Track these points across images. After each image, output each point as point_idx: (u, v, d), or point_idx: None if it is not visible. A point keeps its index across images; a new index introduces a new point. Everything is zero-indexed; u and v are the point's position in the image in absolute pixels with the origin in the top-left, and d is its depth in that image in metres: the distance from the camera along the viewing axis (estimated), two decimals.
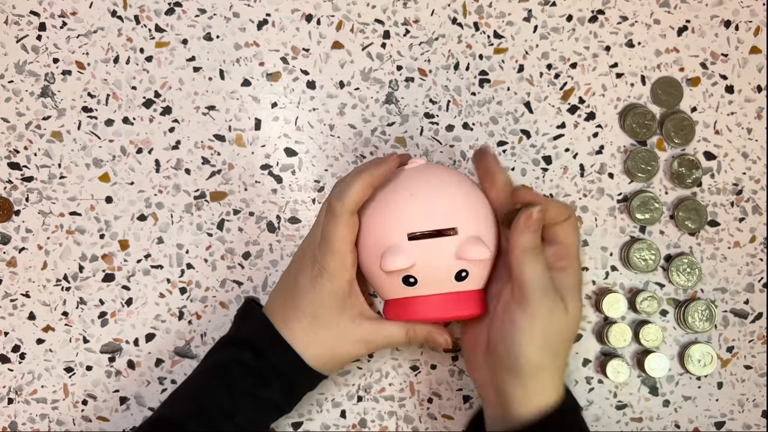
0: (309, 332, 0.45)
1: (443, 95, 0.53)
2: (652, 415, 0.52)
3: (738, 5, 0.53)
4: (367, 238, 0.44)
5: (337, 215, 0.43)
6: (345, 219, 0.42)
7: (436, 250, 0.42)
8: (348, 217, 0.43)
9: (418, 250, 0.42)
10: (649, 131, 0.52)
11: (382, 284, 0.44)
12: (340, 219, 0.42)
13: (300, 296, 0.45)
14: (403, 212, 0.43)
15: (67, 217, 0.52)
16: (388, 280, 0.43)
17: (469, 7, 0.53)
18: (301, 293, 0.45)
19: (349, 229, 0.43)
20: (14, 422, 0.52)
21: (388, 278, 0.43)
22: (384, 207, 0.44)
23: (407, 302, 0.44)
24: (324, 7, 0.53)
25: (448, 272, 0.42)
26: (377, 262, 0.43)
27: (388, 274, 0.43)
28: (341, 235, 0.43)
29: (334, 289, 0.44)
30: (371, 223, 0.44)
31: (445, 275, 0.42)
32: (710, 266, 0.52)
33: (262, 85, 0.53)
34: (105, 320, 0.52)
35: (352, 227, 0.43)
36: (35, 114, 0.52)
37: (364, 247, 0.44)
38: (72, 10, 0.53)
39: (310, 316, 0.44)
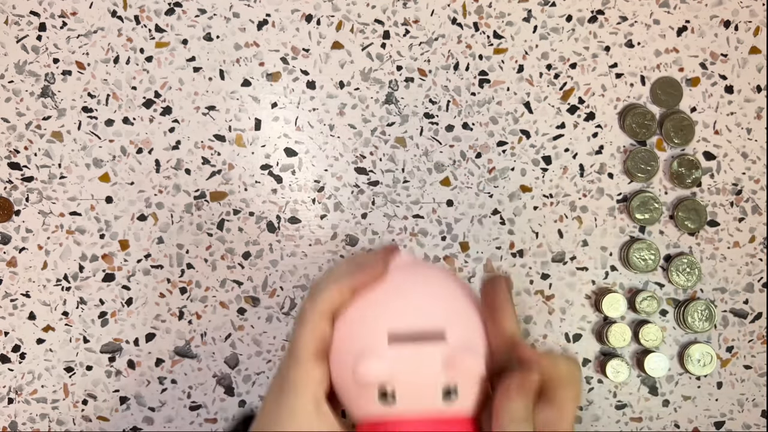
0: None
1: (443, 95, 0.53)
2: (651, 415, 0.52)
3: (738, 5, 0.53)
4: (341, 344, 0.37)
5: (305, 320, 0.37)
6: (313, 324, 0.37)
7: (420, 359, 0.35)
8: (318, 323, 0.37)
9: (399, 358, 0.35)
10: (648, 131, 0.52)
11: (355, 400, 0.37)
12: (308, 324, 0.37)
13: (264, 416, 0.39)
14: (383, 308, 0.36)
15: (67, 217, 0.52)
16: (361, 394, 0.36)
17: (469, 7, 0.53)
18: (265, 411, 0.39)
19: (317, 338, 0.37)
20: (14, 422, 0.52)
21: (362, 392, 0.36)
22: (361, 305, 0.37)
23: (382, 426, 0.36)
24: (324, 8, 0.53)
25: (434, 387, 0.35)
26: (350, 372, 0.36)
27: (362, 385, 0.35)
28: (306, 343, 0.37)
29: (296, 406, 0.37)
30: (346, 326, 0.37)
31: (430, 391, 0.35)
32: (710, 266, 0.52)
33: (262, 85, 0.53)
34: (105, 320, 0.52)
35: (321, 335, 0.37)
36: (35, 114, 0.52)
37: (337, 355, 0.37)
38: (72, 10, 0.53)
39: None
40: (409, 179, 0.53)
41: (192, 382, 0.52)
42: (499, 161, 0.53)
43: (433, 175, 0.53)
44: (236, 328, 0.52)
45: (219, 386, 0.52)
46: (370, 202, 0.53)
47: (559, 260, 0.53)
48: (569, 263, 0.53)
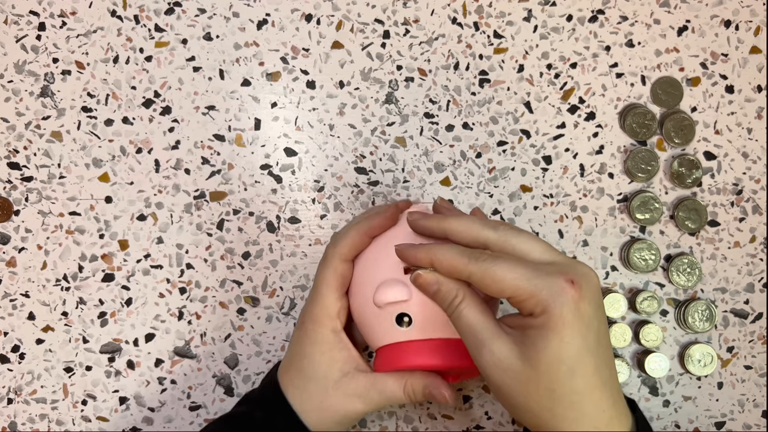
0: (299, 387, 0.42)
1: (443, 95, 0.53)
2: (652, 415, 0.52)
3: (738, 5, 0.53)
4: (361, 279, 0.41)
5: (327, 260, 0.41)
6: (335, 264, 0.41)
7: None
8: (338, 263, 0.41)
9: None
10: (649, 131, 0.52)
11: (375, 328, 0.41)
12: (330, 264, 0.41)
13: (290, 350, 0.43)
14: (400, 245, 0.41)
15: (67, 217, 0.52)
16: (380, 321, 0.40)
17: (469, 7, 0.53)
18: (291, 346, 0.43)
19: (338, 275, 0.41)
20: (14, 422, 0.51)
21: (380, 318, 0.40)
22: (379, 247, 0.42)
23: (399, 347, 0.40)
24: (324, 7, 0.53)
25: None
26: (370, 302, 0.40)
27: (381, 310, 0.40)
28: (328, 281, 0.41)
29: (317, 338, 0.41)
30: (365, 264, 0.42)
31: (442, 315, 0.39)
32: (710, 266, 0.52)
33: (262, 85, 0.53)
34: (105, 320, 0.52)
35: (342, 274, 0.41)
36: (35, 114, 0.52)
37: (357, 289, 0.41)
38: (72, 9, 0.52)
39: (296, 368, 0.42)
40: (409, 179, 0.52)
41: (192, 382, 0.52)
42: (499, 161, 0.53)
43: (433, 175, 0.53)
44: (236, 328, 0.52)
45: (219, 386, 0.52)
46: (370, 202, 0.52)
47: None
48: None
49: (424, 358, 0.39)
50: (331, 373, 0.41)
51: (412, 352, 0.39)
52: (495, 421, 0.52)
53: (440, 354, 0.39)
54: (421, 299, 0.39)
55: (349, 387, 0.41)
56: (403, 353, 0.40)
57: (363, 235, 0.41)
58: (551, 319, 0.33)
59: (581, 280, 0.34)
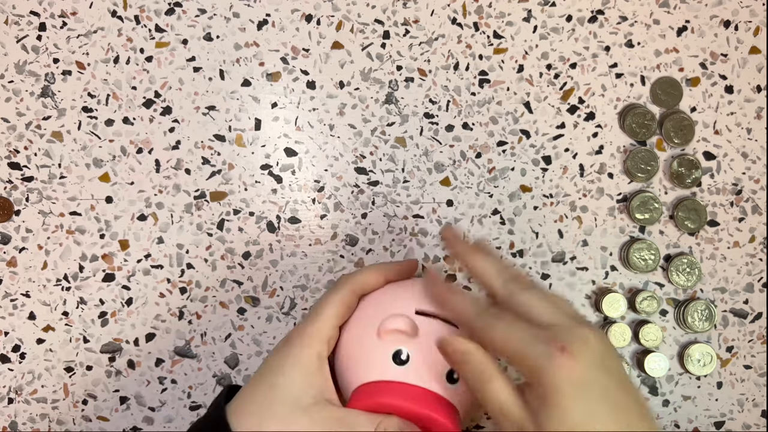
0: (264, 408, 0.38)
1: (443, 95, 0.53)
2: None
3: (738, 5, 0.53)
4: (366, 311, 0.40)
5: (337, 286, 0.40)
6: (344, 292, 0.40)
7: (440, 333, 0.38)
8: (348, 292, 0.40)
9: (423, 326, 0.38)
10: (648, 131, 0.52)
11: (367, 360, 0.39)
12: (340, 291, 0.40)
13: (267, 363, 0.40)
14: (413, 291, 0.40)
15: (67, 217, 0.52)
16: (376, 353, 0.38)
17: (469, 7, 0.53)
18: (269, 360, 0.40)
19: (344, 303, 0.40)
20: (14, 422, 0.52)
21: (377, 351, 0.38)
22: (392, 288, 0.41)
23: (387, 384, 0.38)
24: (324, 7, 0.53)
25: (444, 365, 0.38)
26: (369, 333, 0.38)
27: (379, 342, 0.38)
28: (332, 305, 0.39)
29: (301, 358, 0.39)
30: (374, 298, 0.41)
31: (439, 368, 0.38)
32: (710, 266, 0.52)
33: (262, 85, 0.53)
34: (105, 320, 0.52)
35: (347, 304, 0.40)
36: (35, 114, 0.52)
37: (357, 321, 0.40)
38: (72, 10, 0.53)
39: (269, 384, 0.39)
40: (409, 179, 0.53)
41: (192, 382, 0.52)
42: (499, 161, 0.53)
43: (433, 175, 0.53)
44: (236, 328, 0.52)
45: (219, 386, 0.52)
46: (370, 202, 0.53)
47: (559, 260, 0.53)
48: (569, 263, 0.53)
49: (410, 401, 0.37)
50: (303, 397, 0.38)
51: (399, 391, 0.37)
52: None
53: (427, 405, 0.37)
54: (427, 342, 0.38)
55: (317, 416, 0.38)
56: (390, 389, 0.37)
57: (381, 274, 0.41)
58: (547, 390, 0.32)
59: (574, 346, 0.32)
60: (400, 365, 0.38)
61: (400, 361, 0.38)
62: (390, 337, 0.38)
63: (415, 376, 0.38)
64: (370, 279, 0.41)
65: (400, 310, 0.39)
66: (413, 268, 0.43)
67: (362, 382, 0.39)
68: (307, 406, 0.38)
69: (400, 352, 0.38)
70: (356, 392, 0.39)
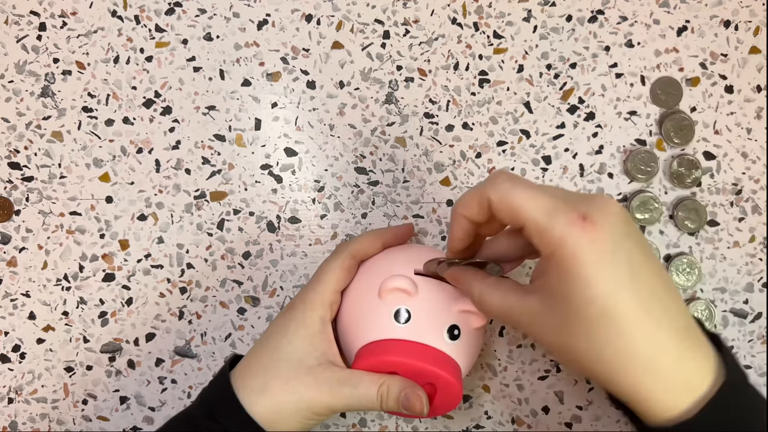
0: (268, 366, 0.38)
1: (443, 95, 0.53)
2: None
3: (738, 5, 0.53)
4: (366, 274, 0.41)
5: (336, 253, 0.41)
6: (343, 257, 0.40)
7: (438, 292, 0.39)
8: (347, 257, 0.40)
9: (422, 285, 0.39)
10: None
11: (369, 321, 0.39)
12: (339, 256, 0.40)
13: (270, 329, 0.41)
14: (412, 253, 0.41)
15: (67, 216, 0.52)
16: (378, 313, 0.39)
17: (469, 7, 0.53)
18: (272, 326, 0.41)
19: (344, 269, 0.40)
20: (14, 422, 0.52)
21: (378, 311, 0.39)
22: (390, 251, 0.42)
23: (389, 342, 0.38)
24: (324, 7, 0.53)
25: (443, 322, 0.39)
26: (371, 294, 0.39)
27: (381, 302, 0.39)
28: (333, 270, 0.40)
29: (305, 321, 0.39)
30: (373, 263, 0.42)
31: (439, 324, 0.39)
32: (710, 266, 0.52)
33: (262, 85, 0.53)
34: (105, 320, 0.52)
35: (347, 269, 0.40)
36: (35, 114, 0.52)
37: (358, 284, 0.41)
38: (72, 10, 0.53)
39: (273, 347, 0.39)
40: (409, 179, 0.53)
41: (192, 382, 0.52)
42: (499, 161, 0.53)
43: (433, 175, 0.53)
44: (236, 328, 0.52)
45: None
46: (370, 202, 0.53)
47: None
48: None
49: (412, 356, 0.37)
50: (307, 358, 0.38)
51: (401, 348, 0.38)
52: (495, 421, 0.52)
53: (429, 359, 0.38)
54: (426, 300, 0.39)
55: (321, 375, 0.38)
56: (392, 348, 0.38)
57: (377, 239, 0.41)
58: (565, 260, 0.30)
59: (596, 214, 0.30)
60: (401, 324, 0.38)
61: (401, 320, 0.38)
62: (390, 297, 0.39)
63: (417, 333, 0.38)
64: (368, 245, 0.41)
65: (400, 272, 0.39)
66: (410, 232, 0.44)
67: (365, 342, 0.39)
68: (310, 367, 0.38)
69: (401, 311, 0.38)
70: (360, 352, 0.39)
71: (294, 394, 0.38)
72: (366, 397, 0.38)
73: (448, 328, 0.39)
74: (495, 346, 0.52)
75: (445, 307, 0.39)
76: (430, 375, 0.38)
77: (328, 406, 0.38)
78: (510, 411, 0.52)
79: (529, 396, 0.52)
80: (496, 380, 0.52)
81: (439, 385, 0.39)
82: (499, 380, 0.52)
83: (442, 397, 0.39)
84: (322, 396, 0.38)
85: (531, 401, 0.52)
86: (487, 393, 0.52)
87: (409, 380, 0.39)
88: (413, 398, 0.38)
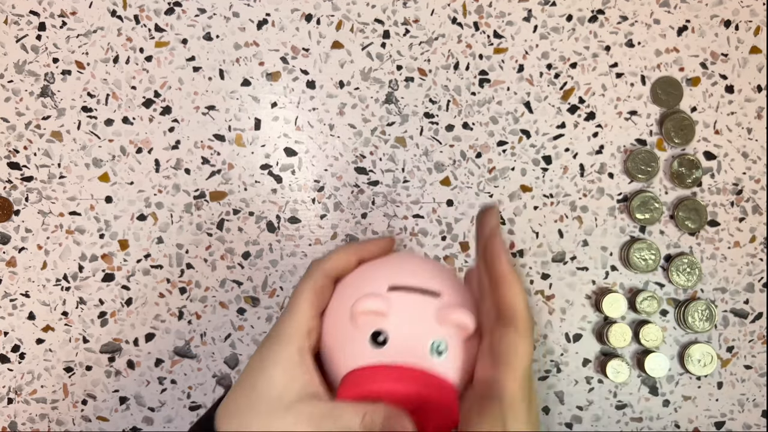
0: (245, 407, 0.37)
1: (443, 95, 0.53)
2: (652, 415, 0.52)
3: (738, 5, 0.53)
4: (341, 296, 0.39)
5: (308, 274, 0.38)
6: (316, 278, 0.38)
7: (415, 306, 0.36)
8: (320, 277, 0.38)
9: (397, 302, 0.36)
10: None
11: (347, 348, 0.37)
12: (311, 277, 0.38)
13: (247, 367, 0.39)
14: (385, 268, 0.38)
15: (67, 216, 0.52)
16: (354, 339, 0.36)
17: (469, 6, 0.53)
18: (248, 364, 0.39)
19: (317, 290, 0.38)
20: (14, 422, 0.52)
21: (354, 337, 0.36)
22: (366, 267, 0.39)
23: (369, 370, 0.36)
24: (324, 7, 0.53)
25: (425, 338, 0.36)
26: (345, 319, 0.37)
27: (356, 328, 0.36)
28: (306, 294, 0.38)
29: (281, 355, 0.37)
30: (348, 282, 0.39)
31: (421, 342, 0.36)
32: (710, 266, 0.52)
33: (261, 85, 0.53)
34: (105, 320, 0.52)
35: (321, 291, 0.38)
36: (35, 114, 0.52)
37: (334, 307, 0.39)
38: (72, 9, 0.52)
39: (249, 386, 0.37)
40: (409, 179, 0.52)
41: (192, 382, 0.52)
42: (499, 161, 0.53)
43: (433, 175, 0.53)
44: (236, 328, 0.52)
45: (219, 386, 0.52)
46: (370, 202, 0.52)
47: (559, 260, 0.52)
48: (569, 263, 0.52)
49: (392, 382, 0.35)
50: (286, 394, 0.37)
51: (380, 374, 0.36)
52: None
53: (411, 382, 0.35)
54: (402, 318, 0.36)
55: (302, 412, 0.36)
56: (371, 375, 0.36)
57: (351, 254, 0.39)
58: None
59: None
60: (379, 347, 0.36)
61: (379, 343, 0.36)
62: (364, 320, 0.36)
63: (397, 354, 0.36)
64: (342, 262, 0.39)
65: (372, 289, 0.37)
66: (389, 245, 0.41)
67: (347, 370, 0.37)
68: (290, 403, 0.37)
69: (378, 333, 0.36)
70: (342, 383, 0.37)
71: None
72: (349, 427, 0.36)
73: (431, 344, 0.36)
74: None
75: (425, 321, 0.36)
76: (416, 398, 0.36)
77: None
78: None
79: None
80: None
81: (428, 406, 0.36)
82: None
83: (436, 419, 0.37)
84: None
85: None
86: None
87: (393, 408, 0.36)
88: (398, 425, 0.36)
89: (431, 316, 0.36)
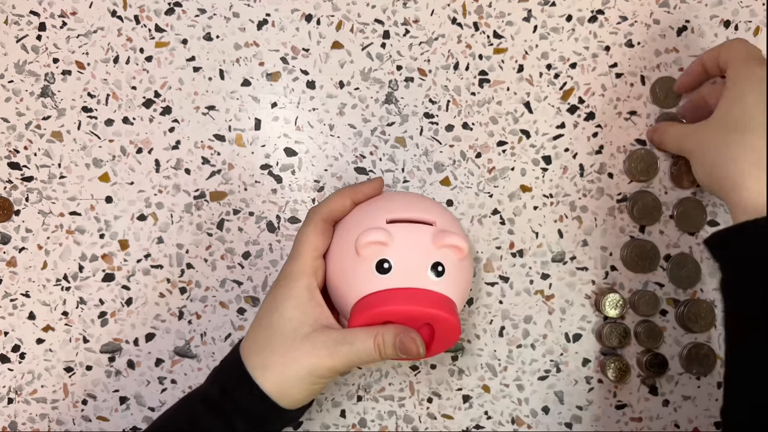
0: (265, 342, 0.41)
1: (443, 95, 0.53)
2: (651, 415, 0.52)
3: (738, 5, 0.53)
4: (342, 235, 0.42)
5: (308, 220, 0.42)
6: (315, 222, 0.41)
7: (413, 234, 0.40)
8: (319, 222, 0.42)
9: (396, 233, 0.40)
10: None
11: (354, 279, 0.41)
12: (311, 222, 0.42)
13: (261, 307, 0.42)
14: (382, 204, 0.42)
15: (67, 216, 0.52)
16: (360, 270, 0.40)
17: (469, 7, 0.53)
18: (262, 305, 0.43)
19: (317, 234, 0.41)
20: (14, 422, 0.52)
21: (360, 268, 0.40)
22: (362, 207, 0.43)
23: (376, 295, 0.40)
24: (324, 7, 0.53)
25: (425, 261, 0.40)
26: (350, 254, 0.40)
27: (361, 259, 0.40)
28: (308, 239, 0.41)
29: (291, 293, 0.41)
30: (347, 221, 0.43)
31: (421, 264, 0.40)
32: (710, 266, 0.52)
33: (262, 85, 0.53)
34: (105, 320, 0.52)
35: (321, 234, 0.42)
36: (35, 114, 0.52)
37: (337, 245, 0.42)
38: (72, 10, 0.53)
39: (266, 324, 0.41)
40: (409, 179, 0.53)
41: (192, 382, 0.52)
42: (499, 161, 0.53)
43: (433, 175, 0.53)
44: (236, 328, 0.52)
45: None
46: None
47: (559, 260, 0.53)
48: (569, 263, 0.53)
49: (400, 302, 0.39)
50: (301, 328, 0.40)
51: (388, 297, 0.39)
52: (495, 421, 0.52)
53: (417, 300, 0.39)
54: (403, 245, 0.40)
55: (317, 340, 0.40)
56: (379, 299, 0.39)
57: (346, 197, 0.42)
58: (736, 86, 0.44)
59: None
60: (384, 274, 0.39)
61: (384, 270, 0.39)
62: (368, 251, 0.40)
63: (401, 279, 0.39)
64: (338, 204, 0.42)
65: (372, 224, 0.40)
66: (379, 186, 0.44)
67: (355, 300, 0.41)
68: (305, 335, 0.40)
69: (382, 262, 0.39)
70: (352, 311, 0.40)
71: (294, 364, 0.40)
72: (364, 351, 0.40)
73: (431, 266, 0.40)
74: (495, 346, 0.52)
75: (423, 247, 0.40)
76: (423, 315, 0.39)
77: (330, 368, 0.40)
78: (510, 411, 0.52)
79: (529, 396, 0.52)
80: (496, 380, 0.52)
81: (435, 323, 0.40)
82: (499, 380, 0.52)
83: (441, 334, 0.41)
84: (321, 360, 0.39)
85: (531, 401, 0.52)
86: (487, 393, 0.52)
87: (403, 326, 0.40)
88: (408, 341, 0.39)
89: (428, 242, 0.40)
